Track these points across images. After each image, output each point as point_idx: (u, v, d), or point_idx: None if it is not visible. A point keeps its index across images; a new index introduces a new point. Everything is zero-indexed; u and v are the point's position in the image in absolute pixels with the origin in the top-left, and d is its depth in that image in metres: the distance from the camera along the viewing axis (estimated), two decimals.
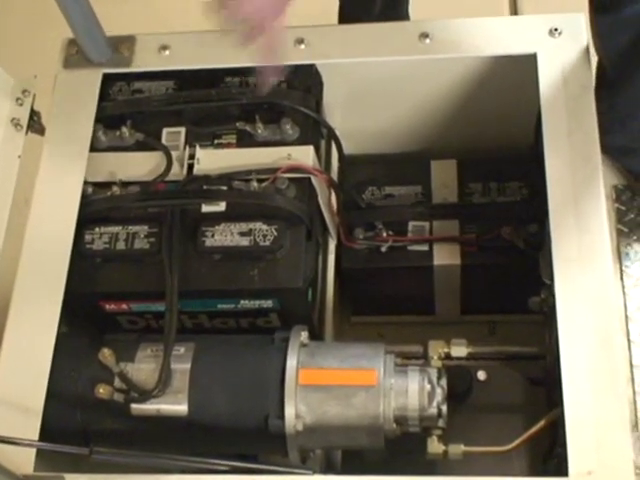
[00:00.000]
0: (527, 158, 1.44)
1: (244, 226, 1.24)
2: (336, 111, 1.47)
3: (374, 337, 1.60)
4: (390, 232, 1.44)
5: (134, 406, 1.16)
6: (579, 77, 1.25)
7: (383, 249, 1.44)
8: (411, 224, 1.45)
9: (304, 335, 1.19)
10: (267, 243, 1.23)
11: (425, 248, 1.44)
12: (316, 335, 1.35)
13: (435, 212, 1.45)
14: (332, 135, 1.39)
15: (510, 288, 1.44)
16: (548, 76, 1.27)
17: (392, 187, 1.50)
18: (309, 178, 1.28)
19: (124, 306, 1.28)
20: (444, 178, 1.50)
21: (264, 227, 1.24)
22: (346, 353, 1.19)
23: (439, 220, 1.45)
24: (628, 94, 1.23)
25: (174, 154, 1.31)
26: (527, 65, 1.30)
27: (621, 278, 1.26)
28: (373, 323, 1.61)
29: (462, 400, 1.33)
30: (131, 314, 1.30)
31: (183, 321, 1.30)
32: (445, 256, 1.44)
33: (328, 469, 1.29)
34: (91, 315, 1.30)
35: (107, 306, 1.28)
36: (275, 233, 1.23)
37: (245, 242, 1.23)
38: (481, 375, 1.34)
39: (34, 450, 1.09)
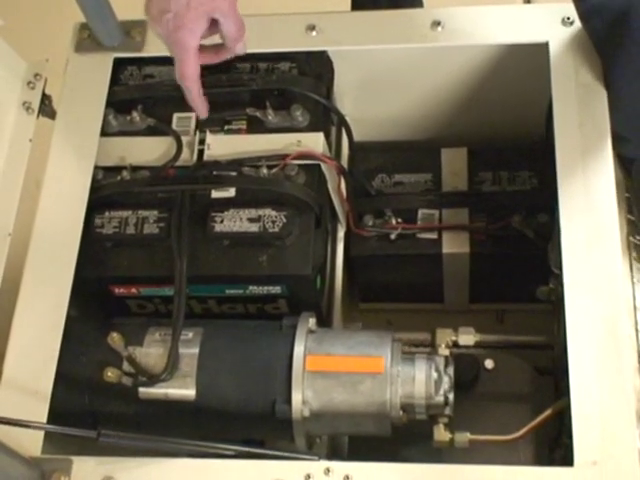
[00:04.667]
0: (538, 147, 1.44)
1: (253, 212, 1.24)
2: (347, 98, 1.47)
3: (382, 324, 1.61)
4: (399, 220, 1.44)
5: (142, 390, 1.17)
6: (591, 67, 1.24)
7: (392, 237, 1.44)
8: (420, 212, 1.45)
9: (312, 322, 1.20)
10: (276, 229, 1.23)
11: (434, 236, 1.44)
12: (324, 322, 1.36)
13: (445, 200, 1.45)
14: (343, 122, 1.39)
15: (519, 277, 1.44)
16: (559, 65, 1.27)
17: (402, 175, 1.50)
18: (319, 165, 1.28)
19: (133, 290, 1.29)
20: (454, 166, 1.49)
21: (273, 213, 1.24)
22: (353, 340, 1.19)
23: (449, 208, 1.44)
24: (612, 78, 1.23)
25: (184, 139, 1.31)
26: (539, 54, 1.29)
27: (630, 268, 1.25)
28: (382, 310, 1.61)
29: (469, 388, 1.33)
30: (140, 298, 1.30)
31: (192, 306, 1.30)
32: (454, 244, 1.43)
33: (334, 455, 1.30)
34: (100, 299, 1.31)
35: (116, 290, 1.29)
36: (284, 220, 1.23)
37: (254, 228, 1.24)
38: (488, 364, 1.34)
39: (42, 432, 1.10)
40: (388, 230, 1.44)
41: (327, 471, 1.05)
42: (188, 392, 1.17)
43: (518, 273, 1.45)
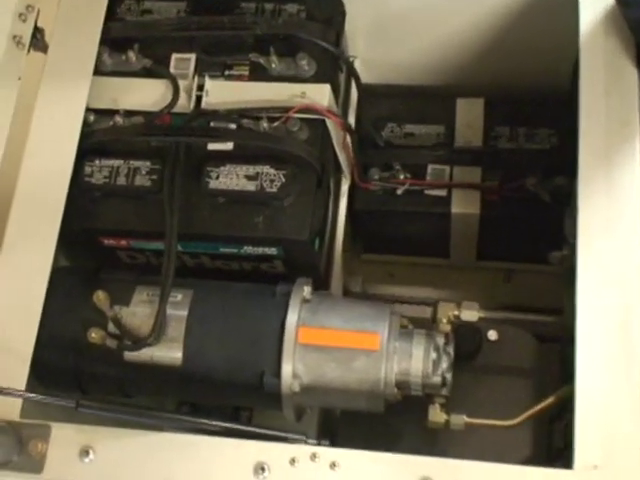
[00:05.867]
0: (560, 104, 1.35)
1: (251, 169, 1.17)
2: (358, 39, 1.38)
3: (384, 276, 1.56)
4: (407, 174, 1.37)
5: (127, 352, 1.12)
6: (620, 29, 1.14)
7: (399, 192, 1.37)
8: (430, 167, 1.38)
9: (307, 290, 1.14)
10: (274, 189, 1.16)
11: (443, 193, 1.37)
12: (322, 281, 1.29)
13: (457, 156, 1.38)
14: (351, 70, 1.30)
15: (530, 239, 1.39)
16: (589, 23, 1.17)
17: (413, 125, 1.42)
18: (323, 120, 1.20)
19: (123, 242, 1.23)
20: (469, 118, 1.41)
21: (272, 171, 1.17)
22: (350, 312, 1.13)
23: (460, 166, 1.37)
24: None
25: (182, 83, 1.23)
26: (568, 5, 1.19)
27: None
28: (384, 262, 1.55)
29: (470, 359, 1.28)
30: (130, 250, 1.25)
31: (184, 260, 1.24)
32: (464, 204, 1.37)
33: (325, 423, 1.26)
34: (89, 249, 1.25)
35: (105, 241, 1.23)
36: (283, 179, 1.16)
37: (251, 187, 1.17)
38: (492, 335, 1.28)
39: None
40: (395, 185, 1.37)
41: (313, 457, 1.00)
42: (174, 357, 1.12)
43: (530, 236, 1.39)
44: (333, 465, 0.99)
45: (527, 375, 1.31)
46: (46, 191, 1.17)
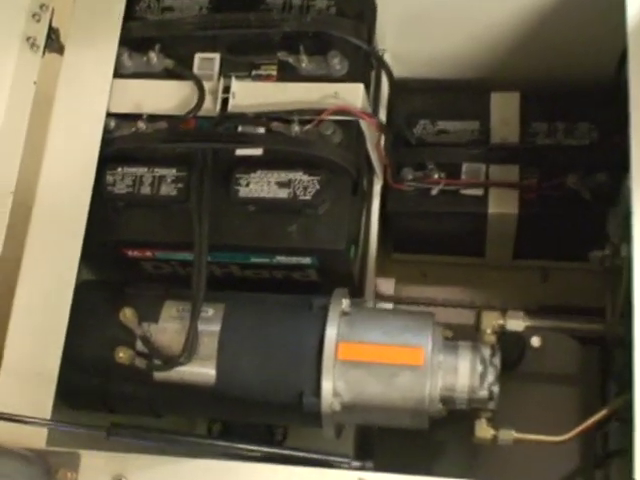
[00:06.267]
0: (601, 97, 1.29)
1: (283, 175, 1.11)
2: (389, 33, 1.32)
3: (416, 277, 1.50)
4: (442, 174, 1.30)
5: (157, 372, 1.06)
6: None
7: (433, 192, 1.31)
8: (465, 165, 1.31)
9: (345, 303, 1.08)
10: (308, 197, 1.10)
11: (480, 193, 1.31)
12: (356, 289, 1.23)
13: (493, 154, 1.31)
14: (384, 66, 1.24)
15: (569, 238, 1.33)
16: (638, 13, 1.10)
17: (446, 122, 1.35)
18: (357, 121, 1.14)
19: (148, 253, 1.17)
20: (505, 114, 1.34)
21: (305, 178, 1.10)
22: (391, 325, 1.07)
23: (497, 164, 1.30)
24: None
25: (207, 85, 1.17)
26: None
27: None
28: (416, 262, 1.50)
29: (513, 368, 1.22)
30: (155, 260, 1.19)
31: (212, 269, 1.18)
32: (501, 203, 1.30)
33: (361, 439, 1.21)
34: (112, 260, 1.19)
35: (129, 253, 1.17)
36: (317, 186, 1.10)
37: (283, 194, 1.10)
38: (535, 341, 1.22)
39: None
40: (429, 185, 1.31)
41: None
42: (207, 376, 1.07)
43: (569, 234, 1.33)
44: None
45: (572, 382, 1.26)
46: (67, 202, 1.11)
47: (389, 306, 1.34)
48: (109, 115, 1.15)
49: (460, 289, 1.47)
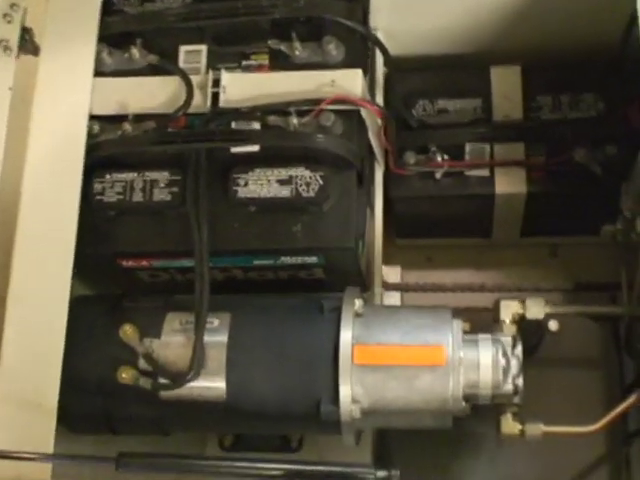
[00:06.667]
0: (606, 66, 1.23)
1: (283, 172, 1.05)
2: (383, 9, 1.24)
3: (422, 261, 1.44)
4: (445, 156, 1.24)
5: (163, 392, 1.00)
6: None
7: (437, 176, 1.25)
8: (469, 146, 1.25)
9: (358, 304, 1.02)
10: (311, 194, 1.04)
11: (485, 173, 1.25)
12: (363, 281, 1.17)
13: (497, 133, 1.25)
14: (379, 46, 1.17)
15: (578, 214, 1.28)
16: None
17: (446, 100, 1.29)
18: (358, 110, 1.07)
19: (144, 263, 1.11)
20: (506, 89, 1.28)
21: (307, 174, 1.04)
22: (408, 324, 1.02)
23: (502, 143, 1.24)
24: None
25: (194, 79, 1.11)
26: None
27: None
28: (420, 246, 1.44)
29: (532, 353, 1.17)
30: (153, 269, 1.12)
31: (213, 274, 1.11)
32: (509, 183, 1.25)
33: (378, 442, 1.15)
34: (106, 271, 1.13)
35: (124, 263, 1.10)
36: (320, 181, 1.04)
37: (285, 192, 1.04)
38: (553, 325, 1.16)
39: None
40: (432, 168, 1.25)
41: None
42: (217, 392, 1.01)
43: (579, 210, 1.28)
44: None
45: (593, 365, 1.21)
46: (54, 213, 1.05)
47: (397, 298, 1.30)
48: (92, 118, 1.09)
49: (468, 272, 1.42)
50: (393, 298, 1.35)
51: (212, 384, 1.00)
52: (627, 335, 1.19)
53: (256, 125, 1.07)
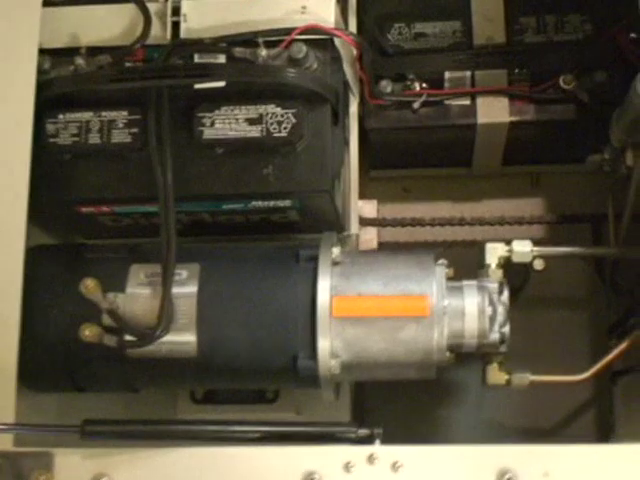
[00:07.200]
0: None
1: (252, 110, 0.97)
2: None
3: (399, 193, 1.37)
4: (424, 85, 1.17)
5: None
6: None
7: (416, 105, 1.17)
8: (448, 74, 1.17)
9: (336, 251, 0.95)
10: (283, 133, 0.96)
11: (466, 102, 1.18)
12: (339, 220, 1.11)
13: (479, 59, 1.17)
14: None
15: (563, 143, 1.22)
16: None
17: (424, 23, 1.20)
18: (331, 39, 0.99)
19: (105, 209, 1.03)
20: (487, 9, 1.20)
21: (278, 111, 0.96)
22: (389, 272, 0.96)
23: (483, 70, 1.16)
24: None
25: (152, 7, 1.02)
26: None
27: None
28: (396, 177, 1.37)
29: (516, 294, 1.12)
30: (114, 214, 1.05)
31: (179, 218, 1.04)
32: (491, 112, 1.18)
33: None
34: (65, 217, 1.05)
35: (83, 209, 1.03)
36: (293, 119, 0.96)
37: (255, 132, 0.97)
38: (538, 264, 1.11)
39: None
40: (410, 98, 1.17)
41: (371, 459, 0.84)
42: (188, 347, 0.95)
43: (564, 139, 1.22)
44: (395, 466, 0.84)
45: (580, 302, 1.16)
46: (4, 157, 0.96)
47: (373, 234, 1.24)
48: (42, 52, 0.99)
49: (447, 204, 1.36)
50: (369, 234, 1.30)
51: (182, 339, 0.94)
52: (612, 272, 1.14)
53: (221, 58, 0.98)
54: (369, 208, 1.30)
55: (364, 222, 1.29)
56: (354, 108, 1.16)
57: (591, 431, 1.20)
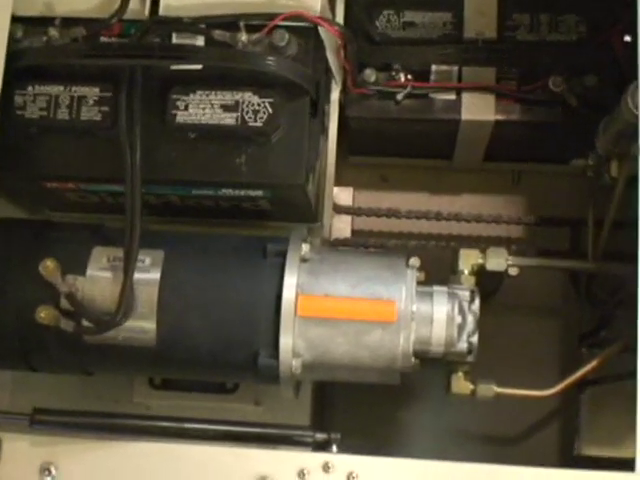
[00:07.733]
0: None
1: (228, 97, 0.93)
2: None
3: (376, 181, 1.35)
4: (409, 76, 1.13)
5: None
6: None
7: (399, 97, 1.14)
8: (435, 67, 1.14)
9: (305, 248, 0.93)
10: (259, 123, 0.93)
11: (452, 97, 1.15)
12: (312, 208, 1.08)
13: (467, 55, 1.14)
14: None
15: (547, 145, 1.20)
16: None
17: (414, 12, 1.16)
18: (315, 27, 0.95)
19: (70, 186, 0.99)
20: (481, 2, 1.16)
21: (255, 100, 0.93)
22: (359, 274, 0.93)
23: (472, 66, 1.13)
24: None
25: None
26: None
27: None
28: (375, 165, 1.34)
29: (488, 299, 1.10)
30: (80, 191, 1.01)
31: (147, 199, 1.01)
32: (476, 109, 1.15)
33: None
34: (30, 190, 1.02)
35: (49, 185, 0.99)
36: (270, 109, 0.93)
37: (230, 119, 0.93)
38: (512, 270, 1.09)
39: None
40: (394, 89, 1.14)
41: (326, 467, 0.83)
42: (147, 336, 0.92)
43: (548, 142, 1.20)
44: (351, 476, 0.82)
45: (553, 313, 1.15)
46: None
47: (347, 222, 1.21)
48: (15, 20, 0.95)
49: (424, 195, 1.33)
50: (343, 222, 1.28)
51: (141, 328, 0.91)
52: (587, 282, 1.12)
53: (200, 40, 0.94)
54: (344, 196, 1.28)
55: (338, 210, 1.27)
56: (335, 95, 1.12)
57: (555, 440, 1.19)
